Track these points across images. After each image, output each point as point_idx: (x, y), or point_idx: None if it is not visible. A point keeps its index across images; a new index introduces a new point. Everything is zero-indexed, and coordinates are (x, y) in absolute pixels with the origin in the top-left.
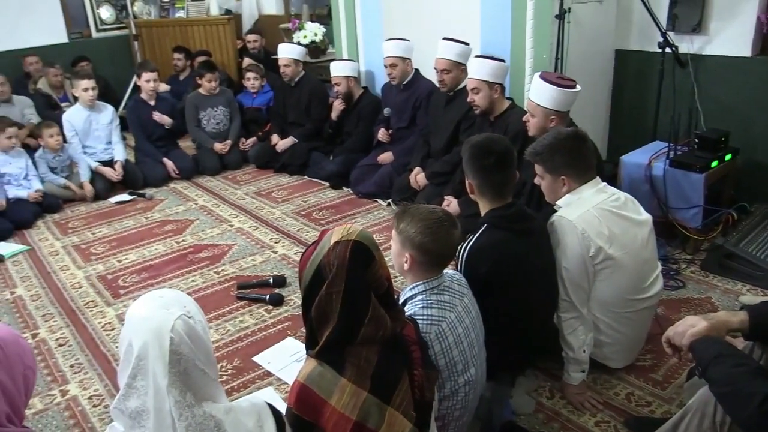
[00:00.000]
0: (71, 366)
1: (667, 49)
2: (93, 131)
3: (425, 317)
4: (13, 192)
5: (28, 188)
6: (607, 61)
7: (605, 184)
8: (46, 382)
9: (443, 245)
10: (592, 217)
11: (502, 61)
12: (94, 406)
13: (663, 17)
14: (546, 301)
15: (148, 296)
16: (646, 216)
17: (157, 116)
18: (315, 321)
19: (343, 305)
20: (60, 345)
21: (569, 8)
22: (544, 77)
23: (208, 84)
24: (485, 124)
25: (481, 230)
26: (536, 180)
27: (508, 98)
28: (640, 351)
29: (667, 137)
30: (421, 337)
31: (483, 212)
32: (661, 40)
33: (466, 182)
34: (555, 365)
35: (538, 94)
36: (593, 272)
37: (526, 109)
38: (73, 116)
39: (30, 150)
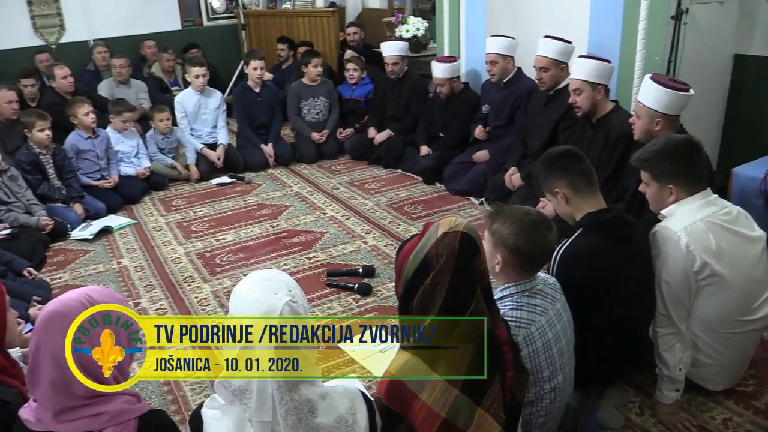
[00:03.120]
0: None
1: None
2: (201, 115)
3: (514, 319)
4: (125, 169)
5: (138, 166)
6: (724, 66)
7: (716, 196)
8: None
9: (537, 248)
10: (699, 229)
11: (607, 61)
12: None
13: None
14: (642, 313)
15: (256, 278)
16: (760, 232)
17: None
18: (415, 312)
19: (447, 296)
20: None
21: (687, 9)
22: (655, 78)
23: (314, 69)
24: (587, 126)
25: (576, 234)
26: (641, 187)
27: (612, 101)
28: (741, 375)
29: None
30: (512, 338)
31: (578, 216)
32: None
33: (558, 195)
34: (647, 381)
35: (646, 95)
36: (696, 288)
37: (632, 112)
38: (185, 99)
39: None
